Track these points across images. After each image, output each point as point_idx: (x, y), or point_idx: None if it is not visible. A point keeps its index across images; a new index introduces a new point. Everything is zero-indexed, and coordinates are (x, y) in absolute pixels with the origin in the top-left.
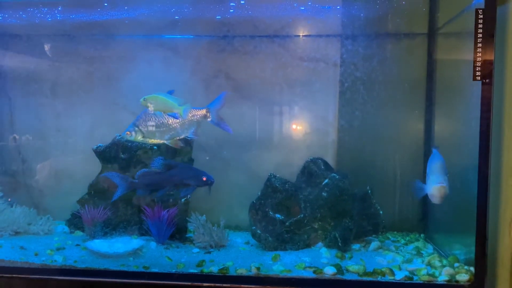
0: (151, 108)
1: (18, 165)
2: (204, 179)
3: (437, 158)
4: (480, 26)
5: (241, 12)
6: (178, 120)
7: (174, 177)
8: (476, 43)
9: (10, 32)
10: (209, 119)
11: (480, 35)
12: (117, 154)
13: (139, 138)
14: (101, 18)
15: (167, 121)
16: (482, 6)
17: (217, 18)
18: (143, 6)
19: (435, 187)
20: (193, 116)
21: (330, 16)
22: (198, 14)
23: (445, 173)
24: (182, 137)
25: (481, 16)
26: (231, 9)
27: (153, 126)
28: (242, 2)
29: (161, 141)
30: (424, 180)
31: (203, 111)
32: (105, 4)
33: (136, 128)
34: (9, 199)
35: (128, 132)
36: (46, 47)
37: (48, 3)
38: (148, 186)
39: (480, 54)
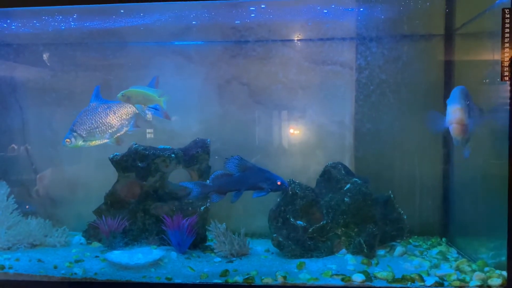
0: (130, 102)
1: (31, 175)
2: (279, 183)
3: (459, 86)
4: (507, 26)
5: (256, 17)
6: (115, 116)
7: (249, 179)
8: (503, 43)
9: (22, 42)
10: (145, 108)
11: (507, 35)
12: (134, 163)
13: (80, 143)
14: (115, 26)
15: (104, 119)
16: (509, 6)
17: (226, 23)
18: (157, 13)
19: (449, 108)
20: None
21: (345, 19)
22: (212, 20)
23: (465, 99)
24: (123, 132)
25: (508, 16)
26: (244, 14)
27: (91, 127)
28: (263, 6)
29: (103, 141)
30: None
31: None
32: (122, 11)
33: (75, 133)
34: (27, 207)
35: (67, 140)
36: (59, 56)
37: (62, 11)
38: (222, 188)
39: (507, 54)
